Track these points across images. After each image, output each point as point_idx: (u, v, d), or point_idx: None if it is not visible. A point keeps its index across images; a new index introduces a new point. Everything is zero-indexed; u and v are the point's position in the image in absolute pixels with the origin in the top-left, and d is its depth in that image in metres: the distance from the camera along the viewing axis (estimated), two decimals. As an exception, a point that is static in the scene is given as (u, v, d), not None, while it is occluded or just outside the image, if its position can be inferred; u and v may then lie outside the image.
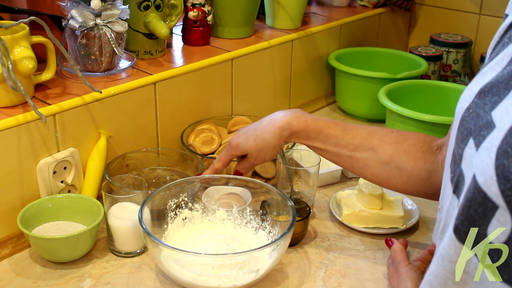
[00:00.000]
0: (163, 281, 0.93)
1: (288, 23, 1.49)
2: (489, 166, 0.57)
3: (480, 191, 0.58)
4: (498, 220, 0.57)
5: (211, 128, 1.25)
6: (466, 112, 0.67)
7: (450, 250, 0.63)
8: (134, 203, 0.97)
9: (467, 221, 0.61)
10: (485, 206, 0.58)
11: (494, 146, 0.58)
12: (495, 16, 1.74)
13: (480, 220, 0.59)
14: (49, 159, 1.01)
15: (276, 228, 0.99)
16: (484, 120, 0.62)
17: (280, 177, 1.13)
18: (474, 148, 0.62)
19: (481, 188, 0.58)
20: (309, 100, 1.60)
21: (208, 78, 1.28)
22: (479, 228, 0.59)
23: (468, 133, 0.65)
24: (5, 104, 0.99)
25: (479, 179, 0.58)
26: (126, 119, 1.13)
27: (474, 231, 0.60)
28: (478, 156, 0.60)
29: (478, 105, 0.65)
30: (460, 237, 0.62)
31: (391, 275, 0.92)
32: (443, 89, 1.44)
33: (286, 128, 0.96)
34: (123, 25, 1.12)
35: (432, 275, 0.67)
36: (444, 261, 0.64)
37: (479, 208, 0.59)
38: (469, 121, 0.66)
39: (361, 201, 1.09)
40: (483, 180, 0.58)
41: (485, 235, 0.59)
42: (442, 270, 0.65)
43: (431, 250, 0.94)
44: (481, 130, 0.62)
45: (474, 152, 0.62)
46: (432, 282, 0.67)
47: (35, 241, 0.95)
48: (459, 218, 0.62)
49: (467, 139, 0.65)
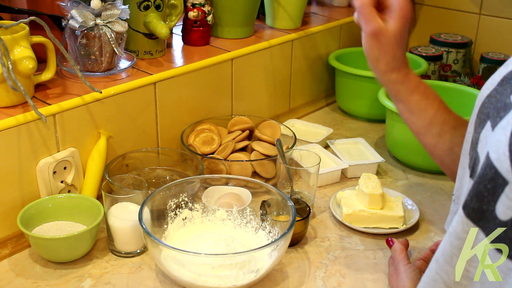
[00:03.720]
0: (163, 281, 0.93)
1: (288, 23, 1.49)
2: (503, 143, 0.57)
3: (492, 167, 0.58)
4: (507, 196, 0.57)
5: (211, 128, 1.25)
6: (486, 98, 0.68)
7: (458, 227, 0.63)
8: (134, 203, 0.97)
9: (476, 198, 0.61)
10: (495, 182, 0.58)
11: (510, 125, 0.58)
12: (495, 16, 1.74)
13: (490, 196, 0.59)
14: (49, 159, 1.01)
15: (276, 228, 0.99)
16: (503, 103, 0.63)
17: (280, 177, 1.13)
18: (490, 129, 0.62)
19: (493, 164, 0.58)
20: (309, 100, 1.60)
21: (208, 78, 1.28)
22: (487, 205, 0.59)
23: (486, 117, 0.65)
24: (5, 104, 0.99)
25: (492, 155, 0.59)
26: (126, 119, 1.13)
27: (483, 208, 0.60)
28: (493, 135, 0.61)
29: (499, 91, 0.66)
30: (468, 214, 0.62)
31: (391, 275, 0.92)
32: (443, 89, 1.44)
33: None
34: (123, 25, 1.12)
35: (439, 252, 0.67)
36: (451, 237, 0.64)
37: (489, 184, 0.59)
38: (488, 106, 0.66)
39: (361, 201, 1.08)
40: (496, 157, 0.58)
41: (493, 212, 0.59)
42: (449, 246, 0.65)
43: (434, 249, 0.94)
44: (499, 112, 0.62)
45: (490, 133, 0.62)
46: (438, 258, 0.67)
47: (35, 241, 0.95)
48: (469, 195, 0.62)
49: (484, 122, 0.65)
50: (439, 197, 1.20)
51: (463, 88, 1.42)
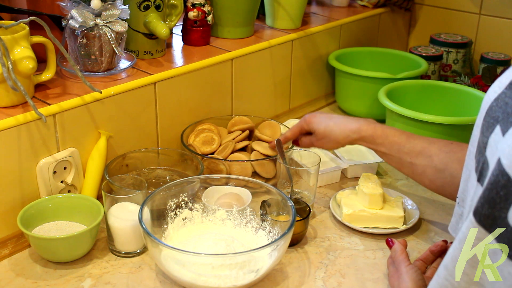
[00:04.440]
0: (163, 281, 0.93)
1: (288, 23, 1.49)
2: None
3: (504, 173, 0.58)
4: None
5: (211, 128, 1.25)
6: (494, 102, 0.68)
7: (469, 233, 0.63)
8: (134, 203, 0.97)
9: (487, 204, 0.60)
10: (508, 189, 0.58)
11: None
12: (495, 16, 1.74)
13: (502, 203, 0.59)
14: (49, 159, 1.01)
15: (276, 228, 0.99)
16: None
17: (280, 177, 1.13)
18: (500, 134, 0.62)
19: (505, 171, 0.58)
20: (309, 100, 1.60)
21: (208, 78, 1.28)
22: (500, 212, 0.59)
23: (495, 121, 0.65)
24: (5, 104, 0.99)
25: (504, 162, 0.58)
26: (126, 119, 1.13)
27: (494, 215, 0.60)
28: (504, 141, 0.60)
29: (508, 95, 0.66)
30: (479, 220, 0.61)
31: (391, 275, 0.92)
32: (443, 89, 1.44)
33: (356, 132, 1.07)
34: (123, 25, 1.12)
35: (449, 258, 0.66)
36: (461, 244, 0.64)
37: (502, 191, 0.59)
38: (496, 110, 0.66)
39: (361, 201, 1.08)
40: (508, 164, 0.58)
41: (505, 219, 0.58)
42: (458, 252, 0.64)
43: (433, 250, 0.94)
44: (509, 117, 0.62)
45: (500, 138, 0.62)
46: (448, 264, 0.66)
47: (35, 241, 0.95)
48: (480, 201, 0.61)
49: (493, 126, 0.65)
50: (439, 197, 1.19)
51: (463, 88, 1.42)
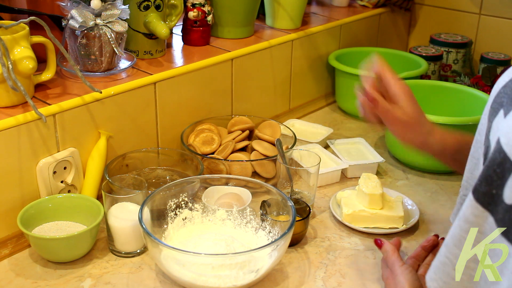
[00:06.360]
0: (163, 281, 0.93)
1: (288, 23, 1.49)
2: None
3: (501, 151, 0.59)
4: None
5: (211, 128, 1.25)
6: (502, 89, 0.68)
7: (467, 211, 0.64)
8: (134, 203, 0.97)
9: (485, 182, 0.61)
10: (504, 166, 0.59)
11: None
12: (495, 16, 1.74)
13: (498, 181, 0.60)
14: (49, 159, 1.01)
15: (276, 228, 0.99)
16: None
17: (280, 177, 1.13)
18: (502, 117, 0.63)
19: (503, 148, 0.59)
20: (309, 100, 1.60)
21: (208, 78, 1.28)
22: (497, 189, 0.60)
23: (500, 106, 0.66)
24: (5, 104, 0.99)
25: (502, 140, 0.59)
26: (126, 119, 1.13)
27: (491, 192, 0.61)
28: (505, 122, 0.61)
29: None
30: (477, 197, 0.62)
31: (386, 277, 0.90)
32: (443, 89, 1.44)
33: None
34: (123, 25, 1.12)
35: (449, 236, 0.67)
36: (460, 221, 0.65)
37: (498, 168, 0.59)
38: (503, 96, 0.67)
39: (361, 201, 1.08)
40: (506, 141, 0.59)
41: (501, 196, 0.59)
42: (458, 229, 0.65)
43: (424, 246, 0.95)
44: None
45: (502, 120, 0.63)
46: (448, 242, 0.67)
47: (35, 241, 0.95)
48: (479, 179, 0.62)
49: (497, 111, 0.66)
50: (439, 197, 1.20)
51: (463, 88, 1.42)
